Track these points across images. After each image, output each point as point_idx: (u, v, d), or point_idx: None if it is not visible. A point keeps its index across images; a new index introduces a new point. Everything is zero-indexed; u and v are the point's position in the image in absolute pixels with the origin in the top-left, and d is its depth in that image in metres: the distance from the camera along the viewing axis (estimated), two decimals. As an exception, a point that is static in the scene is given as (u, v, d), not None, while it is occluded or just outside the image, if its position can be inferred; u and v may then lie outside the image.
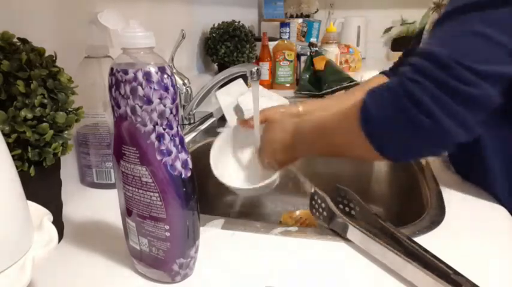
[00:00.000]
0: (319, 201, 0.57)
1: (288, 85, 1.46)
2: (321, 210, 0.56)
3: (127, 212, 0.42)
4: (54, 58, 0.49)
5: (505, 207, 0.57)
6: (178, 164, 0.39)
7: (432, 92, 0.41)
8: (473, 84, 0.40)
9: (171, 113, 0.39)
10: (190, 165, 0.41)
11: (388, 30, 2.23)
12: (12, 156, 0.36)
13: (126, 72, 0.37)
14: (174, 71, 0.96)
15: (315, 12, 2.12)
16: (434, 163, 0.73)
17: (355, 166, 0.92)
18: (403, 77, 0.44)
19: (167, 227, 0.40)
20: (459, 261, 0.47)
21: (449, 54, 0.41)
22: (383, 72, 0.82)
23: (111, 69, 0.38)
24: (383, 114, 0.45)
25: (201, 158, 0.91)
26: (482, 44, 0.42)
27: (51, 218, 0.39)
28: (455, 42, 0.43)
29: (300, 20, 1.92)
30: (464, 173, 0.67)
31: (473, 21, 0.43)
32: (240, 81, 1.15)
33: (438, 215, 0.56)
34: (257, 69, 0.76)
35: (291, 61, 1.44)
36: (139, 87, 0.37)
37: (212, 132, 0.98)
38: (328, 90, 1.27)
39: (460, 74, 0.40)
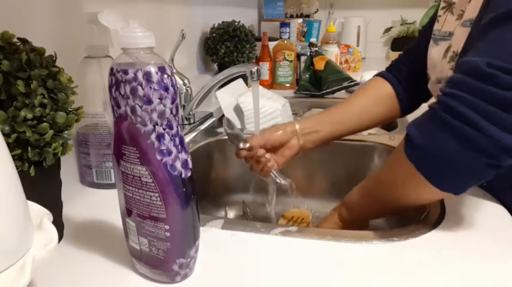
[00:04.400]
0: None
1: (288, 85, 1.46)
2: None
3: (127, 212, 0.42)
4: (54, 58, 0.49)
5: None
6: (178, 164, 0.39)
7: (470, 101, 0.39)
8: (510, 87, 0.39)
9: (171, 113, 0.39)
10: (190, 165, 0.41)
11: (388, 30, 2.23)
12: (12, 156, 0.36)
13: (126, 72, 0.37)
14: (174, 71, 0.96)
15: (315, 12, 2.12)
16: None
17: (353, 167, 0.92)
18: (441, 94, 0.43)
19: (167, 227, 0.40)
20: (459, 261, 0.47)
21: (488, 61, 0.39)
22: (379, 74, 0.79)
23: (111, 69, 0.38)
24: (426, 135, 0.43)
25: (201, 158, 0.91)
26: None
27: (51, 218, 0.39)
28: (494, 50, 0.41)
29: (300, 20, 1.92)
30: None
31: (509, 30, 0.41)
32: (240, 81, 1.15)
33: (438, 215, 0.56)
34: (257, 69, 0.76)
35: (291, 61, 1.44)
36: (139, 87, 0.37)
37: (212, 132, 0.98)
38: (328, 90, 1.27)
39: (504, 81, 0.38)
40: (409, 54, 0.77)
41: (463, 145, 0.41)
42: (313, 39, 1.52)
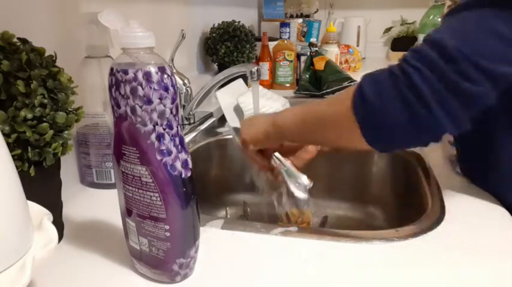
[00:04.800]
0: None
1: (288, 85, 1.46)
2: None
3: (127, 212, 0.42)
4: (54, 58, 0.49)
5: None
6: (178, 164, 0.39)
7: (433, 83, 0.40)
8: (475, 81, 0.39)
9: (171, 113, 0.39)
10: (190, 165, 0.41)
11: (388, 30, 2.23)
12: (12, 156, 0.36)
13: (126, 72, 0.37)
14: (174, 71, 0.96)
15: (315, 12, 2.12)
16: (435, 163, 0.73)
17: (355, 166, 0.93)
18: (405, 63, 0.43)
19: (167, 227, 0.40)
20: (459, 261, 0.47)
21: (458, 47, 0.39)
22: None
23: (111, 69, 0.38)
24: (379, 97, 0.43)
25: (201, 158, 0.91)
26: (495, 43, 0.40)
27: (51, 218, 0.39)
28: (468, 36, 0.41)
29: (300, 20, 1.92)
30: (473, 176, 0.65)
31: (491, 17, 0.41)
32: (240, 81, 1.15)
33: (438, 215, 0.56)
34: (257, 69, 0.76)
35: (291, 61, 1.44)
36: (139, 87, 0.37)
37: (212, 132, 0.98)
38: (328, 90, 1.27)
39: (465, 70, 0.39)
40: None
41: (409, 118, 0.42)
42: (313, 39, 1.52)
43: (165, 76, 0.38)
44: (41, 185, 0.47)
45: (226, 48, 1.25)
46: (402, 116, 0.42)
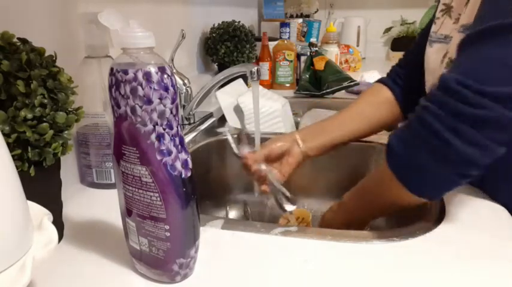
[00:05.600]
0: None
1: (288, 85, 1.46)
2: None
3: (127, 212, 0.42)
4: (54, 58, 0.49)
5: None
6: (178, 164, 0.39)
7: (438, 114, 0.42)
8: (483, 106, 0.41)
9: (171, 113, 0.39)
10: (190, 165, 0.41)
11: (388, 30, 2.23)
12: (12, 156, 0.36)
13: (126, 72, 0.37)
14: (174, 71, 0.96)
15: (315, 12, 2.12)
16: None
17: (353, 167, 0.92)
18: (420, 109, 0.45)
19: (167, 227, 0.40)
20: (459, 261, 0.47)
21: (457, 78, 0.42)
22: (378, 80, 0.80)
23: (111, 69, 0.38)
24: (404, 147, 0.47)
25: (201, 158, 0.91)
26: (493, 67, 0.42)
27: (51, 218, 0.39)
28: (466, 67, 0.43)
29: (300, 20, 1.92)
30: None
31: (487, 45, 0.43)
32: (240, 81, 1.15)
33: (438, 215, 0.56)
34: (257, 69, 0.76)
35: (291, 61, 1.44)
36: (140, 87, 0.37)
37: (212, 132, 0.98)
38: (328, 90, 1.27)
39: (468, 98, 0.41)
40: (407, 57, 0.78)
41: (432, 154, 0.44)
42: (313, 39, 1.52)
43: (165, 76, 0.38)
44: (41, 185, 0.47)
45: (226, 48, 1.25)
46: (426, 155, 0.45)
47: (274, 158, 0.73)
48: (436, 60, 0.60)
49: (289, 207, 0.70)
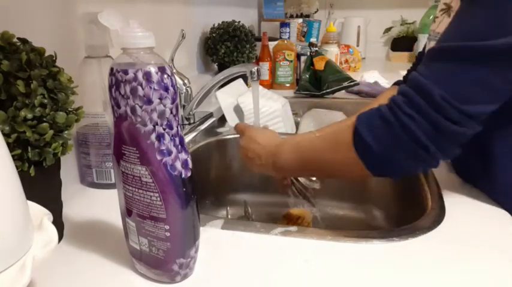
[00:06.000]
0: None
1: (288, 85, 1.46)
2: None
3: (127, 212, 0.42)
4: (54, 58, 0.49)
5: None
6: (178, 164, 0.39)
7: (426, 129, 0.46)
8: (461, 123, 0.46)
9: (171, 113, 0.39)
10: (190, 165, 0.41)
11: (388, 30, 2.23)
12: (12, 156, 0.36)
13: (126, 72, 0.37)
14: (174, 71, 0.96)
15: (315, 12, 2.12)
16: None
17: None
18: (398, 109, 0.48)
19: (167, 227, 0.40)
20: (459, 261, 0.47)
21: (442, 95, 0.46)
22: (395, 83, 0.81)
23: (111, 69, 0.38)
24: (381, 144, 0.49)
25: (201, 158, 0.91)
26: (471, 86, 0.46)
27: (51, 218, 0.39)
28: (449, 83, 0.47)
29: (300, 20, 1.92)
30: (471, 181, 0.66)
31: (468, 62, 0.46)
32: (240, 81, 1.15)
33: (438, 215, 0.56)
34: (257, 69, 0.76)
35: (291, 61, 1.44)
36: (139, 87, 0.37)
37: (212, 132, 0.98)
38: (328, 90, 1.27)
39: (451, 115, 0.46)
40: (421, 58, 0.78)
41: (408, 155, 0.49)
42: (313, 39, 1.52)
43: (165, 76, 0.38)
44: (41, 185, 0.47)
45: (226, 48, 1.25)
46: (404, 158, 0.49)
47: None
48: None
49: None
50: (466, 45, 0.46)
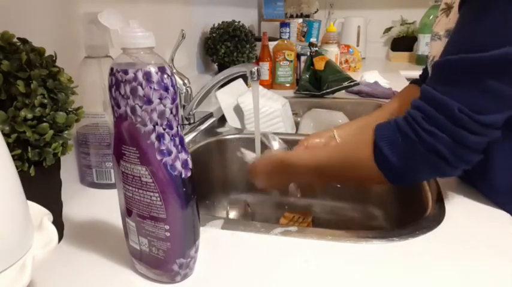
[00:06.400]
0: None
1: (288, 85, 1.46)
2: None
3: (127, 212, 0.42)
4: (54, 58, 0.49)
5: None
6: (178, 164, 0.39)
7: (447, 143, 0.48)
8: (480, 133, 0.47)
9: (171, 113, 0.39)
10: (190, 165, 0.41)
11: (388, 30, 2.23)
12: (12, 156, 0.36)
13: (126, 72, 0.37)
14: (174, 71, 0.96)
15: (315, 12, 2.12)
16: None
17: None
18: (417, 126, 0.49)
19: (167, 227, 0.40)
20: (459, 261, 0.47)
21: (459, 107, 0.47)
22: (412, 82, 0.81)
23: (111, 69, 0.38)
24: (402, 160, 0.51)
25: (201, 158, 0.91)
26: (486, 97, 0.47)
27: (51, 218, 0.39)
28: (464, 95, 0.48)
29: (300, 20, 1.92)
30: (470, 183, 0.65)
31: (481, 73, 0.47)
32: (240, 81, 1.15)
33: (438, 215, 0.56)
34: (257, 69, 0.76)
35: (291, 61, 1.44)
36: (139, 87, 0.37)
37: (212, 132, 0.98)
38: (328, 90, 1.27)
39: (470, 126, 0.47)
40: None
41: (431, 170, 0.51)
42: (313, 39, 1.52)
43: (165, 76, 0.38)
44: (41, 185, 0.47)
45: (226, 48, 1.25)
46: (428, 172, 0.53)
47: None
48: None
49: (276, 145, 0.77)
50: (474, 57, 0.47)
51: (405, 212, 0.75)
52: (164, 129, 0.38)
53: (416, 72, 0.92)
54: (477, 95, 0.47)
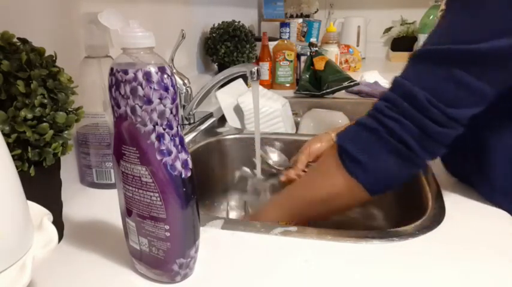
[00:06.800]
0: None
1: (288, 85, 1.46)
2: None
3: (127, 212, 0.42)
4: (54, 58, 0.49)
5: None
6: (178, 164, 0.39)
7: (412, 131, 0.48)
8: (446, 125, 0.47)
9: (171, 113, 0.39)
10: (190, 165, 0.41)
11: (388, 30, 2.23)
12: (12, 156, 0.36)
13: (126, 72, 0.37)
14: (174, 71, 0.96)
15: (315, 12, 2.12)
16: (435, 163, 0.73)
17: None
18: (380, 115, 0.49)
19: (167, 227, 0.40)
20: (459, 261, 0.47)
21: (427, 97, 0.47)
22: None
23: (111, 69, 0.38)
24: (366, 153, 0.50)
25: (201, 158, 0.91)
26: (456, 90, 0.47)
27: (51, 218, 0.39)
28: (434, 86, 0.47)
29: (300, 20, 1.92)
30: (468, 181, 0.65)
31: (453, 65, 0.47)
32: (240, 81, 1.15)
33: (438, 215, 0.56)
34: (257, 69, 0.76)
35: (291, 61, 1.44)
36: (139, 87, 0.37)
37: (212, 132, 0.98)
38: (328, 90, 1.27)
39: (436, 117, 0.47)
40: None
41: (401, 162, 0.50)
42: (313, 39, 1.52)
43: (165, 76, 0.38)
44: (41, 185, 0.47)
45: (226, 48, 1.25)
46: (395, 162, 0.50)
47: (315, 160, 0.75)
48: None
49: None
50: (453, 48, 0.47)
51: (405, 212, 0.75)
52: (164, 129, 0.39)
53: (416, 72, 0.92)
54: (451, 87, 0.47)
